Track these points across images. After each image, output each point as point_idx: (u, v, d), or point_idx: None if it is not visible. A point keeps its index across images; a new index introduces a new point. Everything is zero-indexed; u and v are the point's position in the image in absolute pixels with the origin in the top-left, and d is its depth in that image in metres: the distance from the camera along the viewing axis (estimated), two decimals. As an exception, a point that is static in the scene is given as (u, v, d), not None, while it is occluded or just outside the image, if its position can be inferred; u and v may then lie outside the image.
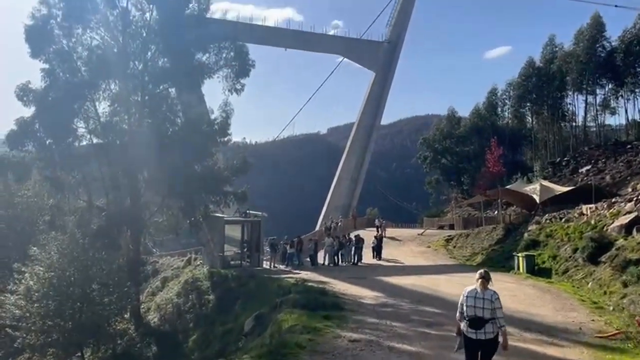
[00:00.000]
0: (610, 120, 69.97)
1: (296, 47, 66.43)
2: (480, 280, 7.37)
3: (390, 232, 46.48)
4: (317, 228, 54.02)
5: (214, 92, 33.22)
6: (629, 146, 48.03)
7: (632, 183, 35.65)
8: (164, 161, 29.78)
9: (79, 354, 24.25)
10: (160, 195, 30.34)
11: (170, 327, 25.61)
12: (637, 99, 58.92)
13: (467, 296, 7.37)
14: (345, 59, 70.35)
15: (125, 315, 28.67)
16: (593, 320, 14.24)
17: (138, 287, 27.11)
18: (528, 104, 62.77)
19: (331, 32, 70.19)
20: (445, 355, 9.80)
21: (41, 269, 23.85)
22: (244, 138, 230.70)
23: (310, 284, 21.22)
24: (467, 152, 64.99)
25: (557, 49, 60.66)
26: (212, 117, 31.39)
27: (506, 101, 66.83)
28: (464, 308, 7.36)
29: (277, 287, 20.55)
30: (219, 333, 21.16)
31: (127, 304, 25.05)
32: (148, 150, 29.40)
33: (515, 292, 19.48)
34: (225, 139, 30.80)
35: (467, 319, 7.31)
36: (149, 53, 30.44)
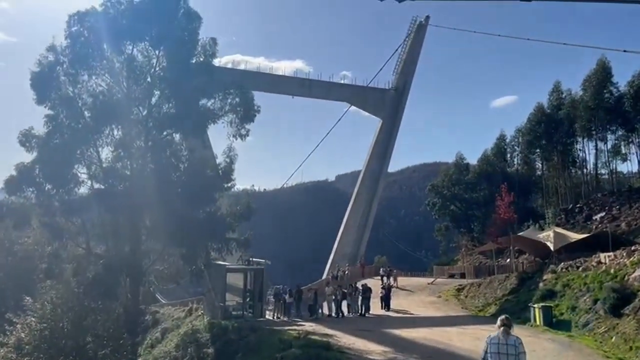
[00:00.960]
0: (622, 167, 69.11)
1: (303, 94, 66.88)
2: (503, 327, 7.63)
3: (399, 281, 45.05)
4: (324, 276, 52.59)
5: (220, 137, 32.86)
6: (643, 192, 46.96)
7: (650, 230, 34.35)
8: (166, 207, 29.05)
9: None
10: (161, 242, 29.49)
11: (166, 382, 24.18)
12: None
13: (490, 343, 7.61)
14: (352, 106, 70.72)
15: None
16: (623, 379, 12.93)
17: (135, 338, 25.81)
18: (538, 150, 61.95)
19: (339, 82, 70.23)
20: None
21: (33, 319, 22.86)
22: (253, 185, 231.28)
23: (313, 337, 20.00)
24: (477, 199, 63.82)
25: (563, 95, 60.43)
26: (217, 162, 30.80)
27: (515, 147, 66.15)
28: (488, 355, 7.57)
29: (279, 341, 19.29)
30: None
31: (121, 357, 23.71)
32: (150, 196, 28.78)
33: (533, 347, 18.08)
34: (229, 184, 30.14)
35: None
36: (153, 99, 30.32)
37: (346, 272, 43.92)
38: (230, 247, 28.87)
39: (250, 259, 30.65)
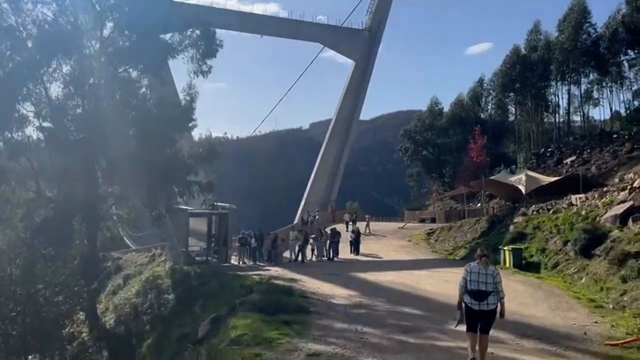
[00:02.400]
0: (594, 113, 69.04)
1: (272, 33, 63.99)
2: (483, 258, 8.10)
3: (370, 225, 44.55)
4: (295, 222, 51.86)
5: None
6: (615, 136, 46.63)
7: (620, 173, 34.08)
8: (123, 149, 27.39)
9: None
10: (119, 185, 27.92)
11: (126, 329, 23.23)
12: (620, 90, 57.90)
13: (470, 272, 8.04)
14: (327, 52, 68.31)
15: (81, 317, 26.34)
16: (596, 322, 12.32)
17: (91, 285, 24.60)
18: (512, 94, 61.08)
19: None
20: (426, 375, 7.72)
21: (-21, 267, 21.35)
22: (225, 133, 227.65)
23: (278, 282, 19.08)
24: (449, 144, 63.24)
25: (541, 36, 59.09)
26: (175, 101, 28.91)
27: (491, 92, 65.16)
28: (468, 283, 8.00)
29: (239, 287, 18.33)
30: (174, 337, 18.90)
31: (76, 304, 22.53)
32: (105, 136, 27.02)
33: (503, 289, 17.54)
34: (190, 124, 28.40)
35: (470, 292, 7.96)
36: (106, 31, 27.95)
37: (316, 217, 43.14)
38: (192, 190, 27.52)
39: (215, 203, 29.35)
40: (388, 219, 57.63)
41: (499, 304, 8.14)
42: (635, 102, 54.59)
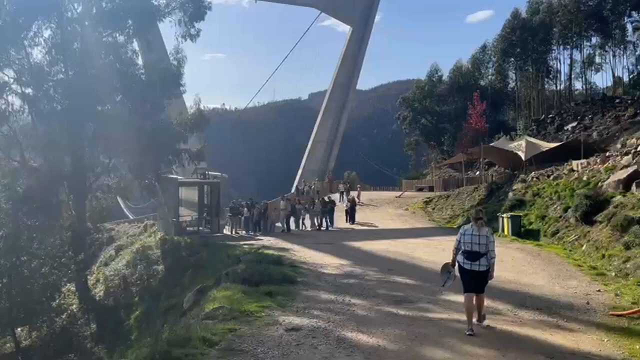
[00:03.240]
0: (596, 79, 67.57)
1: (267, -2, 61.98)
2: (479, 220, 8.21)
3: (366, 195, 43.95)
4: (292, 192, 51.17)
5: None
6: (617, 100, 45.46)
7: (622, 139, 33.08)
8: (109, 116, 26.49)
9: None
10: (106, 154, 27.07)
11: (115, 301, 22.73)
12: (622, 55, 56.48)
13: (464, 233, 8.16)
14: (324, 17, 66.26)
15: (72, 288, 25.88)
16: (599, 290, 11.65)
17: (79, 257, 23.96)
18: (512, 59, 59.51)
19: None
20: (415, 351, 7.02)
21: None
22: (223, 104, 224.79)
23: (269, 251, 18.44)
24: (448, 112, 62.03)
25: (542, -1, 57.40)
26: (163, 66, 27.75)
27: (491, 57, 63.55)
28: (461, 244, 8.15)
29: (227, 257, 17.68)
30: (162, 309, 18.37)
31: (63, 276, 21.95)
32: (90, 103, 26.06)
33: (501, 257, 16.66)
34: (178, 90, 27.35)
35: (464, 252, 8.12)
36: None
37: (312, 186, 42.40)
38: (181, 159, 26.68)
39: (206, 172, 28.59)
40: (385, 188, 56.94)
41: (490, 265, 8.22)
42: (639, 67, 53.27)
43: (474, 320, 8.07)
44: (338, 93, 63.49)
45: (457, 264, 8.25)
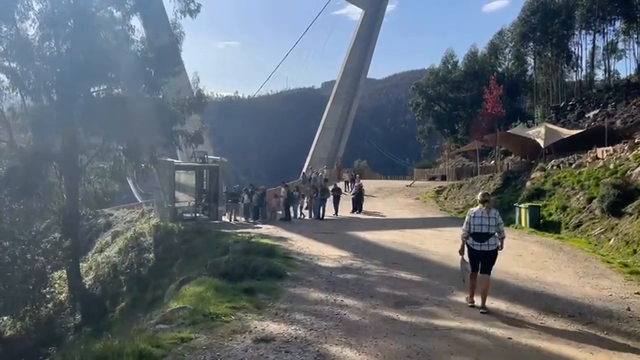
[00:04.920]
0: (618, 66, 64.68)
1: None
2: (486, 203, 8.53)
3: (376, 183, 42.31)
4: (299, 179, 49.64)
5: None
6: (643, 87, 43.25)
7: (648, 127, 31.12)
8: (103, 95, 25.07)
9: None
10: (99, 135, 25.63)
11: (102, 290, 21.40)
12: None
13: (473, 216, 8.45)
14: (338, 5, 64.11)
15: (64, 276, 24.65)
16: (638, 293, 9.94)
17: (65, 243, 22.58)
18: (531, 44, 56.93)
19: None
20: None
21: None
22: (237, 92, 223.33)
23: (265, 240, 16.94)
24: (463, 99, 59.71)
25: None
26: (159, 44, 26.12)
27: (508, 42, 60.97)
28: (471, 226, 8.43)
29: (216, 246, 16.21)
30: (148, 300, 16.97)
31: (48, 262, 20.63)
32: (83, 81, 24.63)
33: (519, 251, 15.22)
34: (176, 68, 25.75)
35: (473, 234, 8.41)
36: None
37: (319, 174, 40.72)
38: (177, 141, 25.19)
39: (206, 155, 27.06)
40: (396, 177, 55.17)
41: (499, 244, 8.49)
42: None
43: (478, 303, 8.43)
44: (349, 78, 61.62)
45: (466, 247, 8.53)
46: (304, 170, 54.97)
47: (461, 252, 8.58)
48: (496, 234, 8.39)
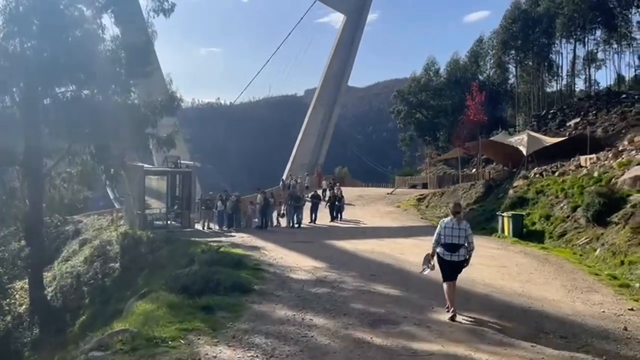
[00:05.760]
0: (598, 76, 65.13)
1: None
2: (457, 214, 8.59)
3: (356, 191, 41.52)
4: (279, 186, 48.62)
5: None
6: (623, 96, 43.09)
7: (630, 135, 30.76)
8: (70, 96, 23.89)
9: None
10: (65, 138, 24.41)
11: (64, 302, 20.12)
12: (626, 51, 54.10)
13: (444, 227, 8.55)
14: (321, 12, 63.54)
15: (25, 286, 23.29)
16: (632, 309, 9.20)
17: (22, 252, 21.27)
18: (512, 52, 56.91)
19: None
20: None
21: None
22: (218, 98, 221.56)
23: (236, 250, 15.97)
24: (444, 107, 59.40)
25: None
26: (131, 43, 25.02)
27: (489, 51, 60.90)
28: (442, 237, 8.53)
29: (181, 257, 15.17)
30: (109, 314, 15.81)
31: (4, 274, 19.32)
32: (49, 81, 23.46)
33: (504, 262, 14.48)
34: (147, 69, 24.65)
35: (444, 245, 8.50)
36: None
37: (298, 181, 39.78)
38: (147, 144, 24.08)
39: (179, 161, 25.93)
40: (378, 185, 54.47)
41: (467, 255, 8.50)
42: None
43: (459, 318, 8.20)
44: (330, 84, 60.82)
45: (436, 255, 8.62)
46: (283, 177, 53.98)
47: (432, 256, 8.74)
48: (466, 244, 8.41)
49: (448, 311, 8.28)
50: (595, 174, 21.06)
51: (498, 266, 13.68)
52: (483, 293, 10.19)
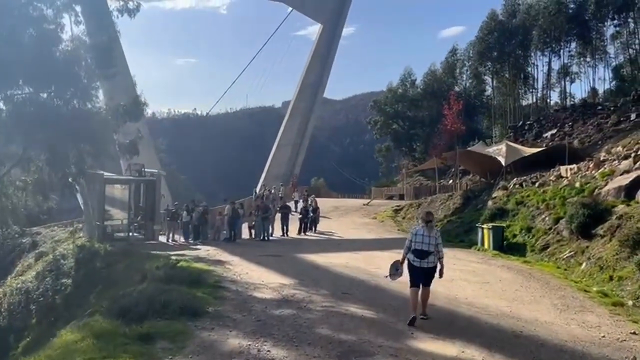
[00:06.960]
0: (573, 88, 65.59)
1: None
2: (428, 223, 8.79)
3: (332, 202, 40.45)
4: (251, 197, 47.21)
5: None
6: (599, 108, 43.05)
7: (607, 147, 30.41)
8: (23, 100, 22.30)
9: None
10: (19, 144, 22.78)
11: (9, 322, 18.40)
12: (599, 64, 54.44)
13: (415, 234, 8.75)
14: (298, 25, 62.78)
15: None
16: (634, 333, 8.18)
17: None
18: (489, 64, 56.84)
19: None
20: None
21: None
22: (195, 109, 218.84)
23: (198, 264, 14.68)
24: (421, 118, 59.07)
25: (519, 1, 54.78)
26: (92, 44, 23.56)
27: (465, 62, 60.85)
28: (412, 243, 8.70)
29: (135, 272, 13.76)
30: (55, 336, 14.20)
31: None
32: (1, 81, 21.86)
33: (486, 278, 13.45)
34: (110, 71, 23.20)
35: (414, 251, 8.68)
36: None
37: (272, 191, 38.45)
38: (108, 151, 22.57)
39: (143, 169, 24.43)
40: (354, 196, 53.50)
41: (438, 263, 8.64)
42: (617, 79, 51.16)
43: (418, 314, 8.52)
44: (306, 94, 59.90)
45: (406, 262, 8.82)
46: (256, 187, 52.59)
47: (401, 262, 8.97)
48: (435, 252, 8.54)
49: (408, 322, 8.30)
50: (577, 185, 20.34)
51: (481, 282, 12.64)
52: (467, 315, 9.10)
